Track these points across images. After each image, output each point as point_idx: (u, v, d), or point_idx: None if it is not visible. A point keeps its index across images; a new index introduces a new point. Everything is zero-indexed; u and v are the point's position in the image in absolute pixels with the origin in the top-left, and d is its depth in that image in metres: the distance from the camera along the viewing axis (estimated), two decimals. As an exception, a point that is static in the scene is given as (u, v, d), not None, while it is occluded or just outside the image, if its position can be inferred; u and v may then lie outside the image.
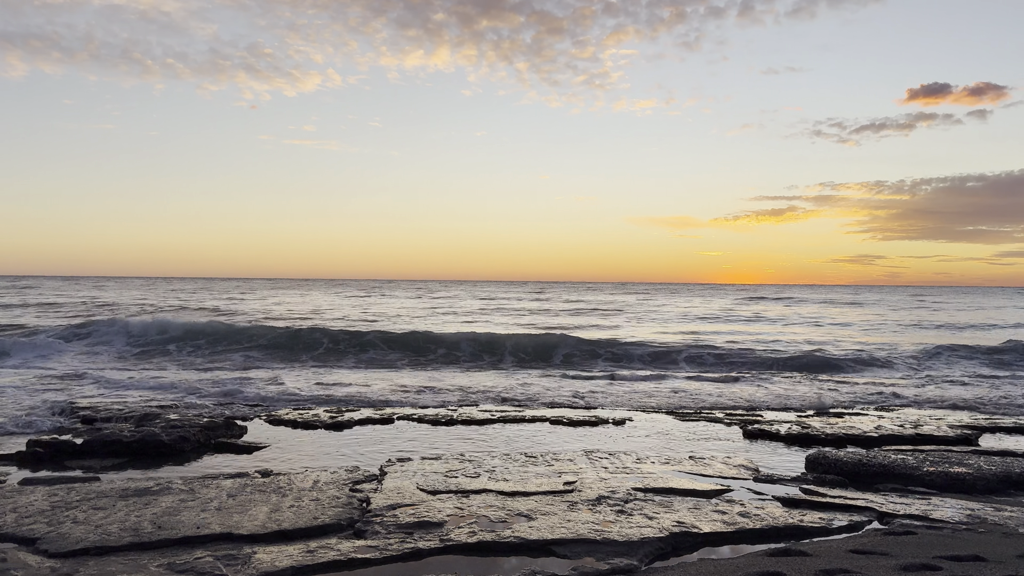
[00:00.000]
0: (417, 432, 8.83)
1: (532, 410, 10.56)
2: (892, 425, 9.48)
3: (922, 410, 11.21)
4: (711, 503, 5.70)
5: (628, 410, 10.78)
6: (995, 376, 15.79)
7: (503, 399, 11.64)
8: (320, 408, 10.45)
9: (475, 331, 21.36)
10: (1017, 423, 9.68)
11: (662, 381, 13.90)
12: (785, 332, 27.13)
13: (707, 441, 8.50)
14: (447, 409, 10.55)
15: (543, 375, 14.81)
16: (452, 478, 6.34)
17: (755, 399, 11.92)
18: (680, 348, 19.51)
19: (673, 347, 19.78)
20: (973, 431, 8.93)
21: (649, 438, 8.65)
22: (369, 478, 6.40)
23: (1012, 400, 11.97)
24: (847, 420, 9.97)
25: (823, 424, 9.51)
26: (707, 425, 9.57)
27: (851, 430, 8.99)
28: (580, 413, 10.30)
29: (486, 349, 18.45)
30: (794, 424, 9.53)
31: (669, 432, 9.06)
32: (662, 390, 12.75)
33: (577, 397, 11.81)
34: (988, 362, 17.43)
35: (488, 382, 13.61)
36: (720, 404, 11.40)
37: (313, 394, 11.71)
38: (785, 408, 11.26)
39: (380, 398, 11.41)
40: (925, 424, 9.48)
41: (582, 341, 19.93)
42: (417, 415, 9.81)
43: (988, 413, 10.87)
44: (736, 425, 9.51)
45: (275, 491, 5.96)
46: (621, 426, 9.44)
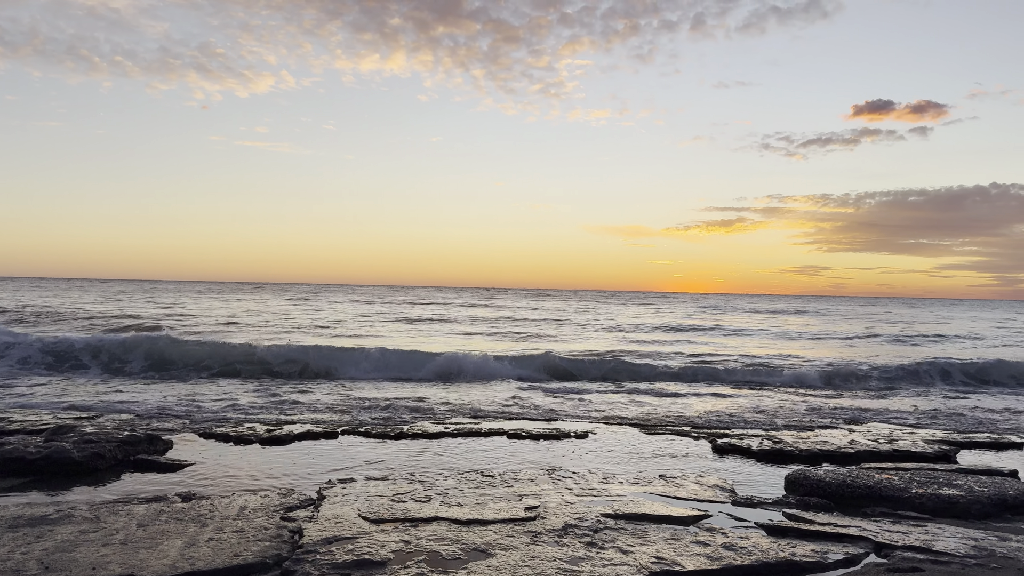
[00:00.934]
0: (363, 447, 8.07)
1: (489, 422, 9.88)
2: (866, 440, 9.04)
3: (891, 424, 10.84)
4: (690, 532, 5.10)
5: (590, 422, 10.18)
6: (959, 389, 15.66)
7: (452, 411, 10.94)
8: (258, 421, 9.61)
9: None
10: (991, 438, 9.34)
11: (622, 393, 13.35)
12: (746, 343, 26.94)
13: (676, 458, 7.92)
14: (398, 421, 9.81)
15: (499, 386, 14.13)
16: (399, 503, 5.62)
17: (721, 411, 11.44)
18: (641, 359, 19.02)
19: (631, 358, 19.30)
20: (950, 447, 8.53)
21: (614, 453, 8.04)
22: (305, 503, 5.65)
23: (979, 414, 11.70)
24: (818, 434, 9.51)
25: (795, 438, 9.03)
26: (674, 439, 9.01)
27: (825, 445, 8.52)
28: (540, 426, 9.65)
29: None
30: (765, 439, 9.03)
31: (635, 446, 8.46)
32: (622, 402, 12.19)
33: (535, 408, 11.17)
34: (954, 375, 17.29)
35: (431, 393, 12.89)
36: (685, 417, 10.87)
37: (253, 405, 10.85)
38: (754, 421, 10.78)
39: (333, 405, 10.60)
40: (899, 439, 9.06)
41: (544, 352, 19.32)
42: (364, 428, 9.04)
43: (959, 428, 10.54)
44: (704, 439, 8.97)
45: (194, 520, 5.18)
46: (584, 440, 8.81)
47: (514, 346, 23.16)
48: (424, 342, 24.10)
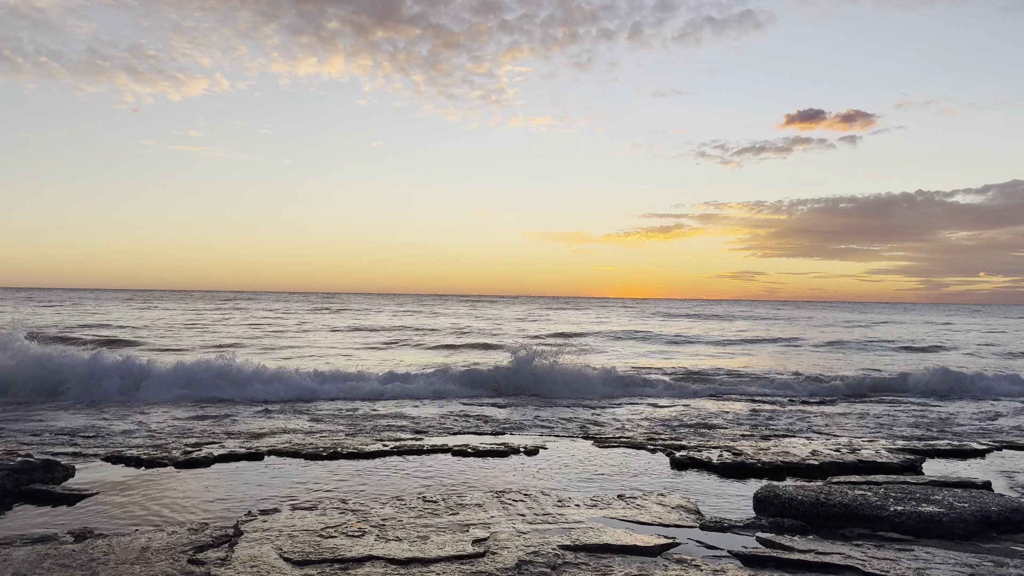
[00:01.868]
0: (292, 469, 7.30)
1: (432, 438, 9.19)
2: (827, 450, 8.66)
3: (849, 432, 10.55)
4: (659, 565, 4.52)
5: (540, 435, 9.58)
6: (908, 395, 15.58)
7: (396, 427, 10.21)
8: (175, 441, 8.72)
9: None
10: (953, 445, 9.06)
11: (568, 404, 12.79)
12: (685, 351, 26.78)
13: (635, 475, 7.37)
14: (328, 438, 9.03)
15: (442, 400, 13.43)
16: (329, 538, 4.90)
17: (671, 419, 10.98)
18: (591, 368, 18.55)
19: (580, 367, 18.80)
20: (915, 456, 8.19)
21: (568, 471, 7.44)
22: (219, 540, 4.89)
23: (935, 421, 11.51)
24: (778, 444, 9.10)
25: (755, 450, 8.59)
26: (629, 452, 8.47)
27: (787, 457, 8.09)
28: (487, 441, 8.99)
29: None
30: (724, 450, 8.57)
31: (589, 462, 7.89)
32: (568, 415, 11.63)
33: (482, 422, 10.51)
34: (901, 381, 17.27)
35: (369, 409, 12.13)
36: (636, 427, 10.37)
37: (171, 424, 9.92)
38: (706, 430, 10.33)
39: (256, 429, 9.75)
40: (861, 448, 8.70)
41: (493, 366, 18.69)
42: (293, 448, 8.25)
43: (914, 435, 10.30)
44: (661, 452, 8.46)
45: (83, 566, 4.39)
46: (534, 456, 8.20)
47: (456, 357, 22.50)
48: (360, 355, 23.24)
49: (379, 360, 21.13)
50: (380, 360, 21.15)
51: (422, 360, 21.12)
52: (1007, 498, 6.03)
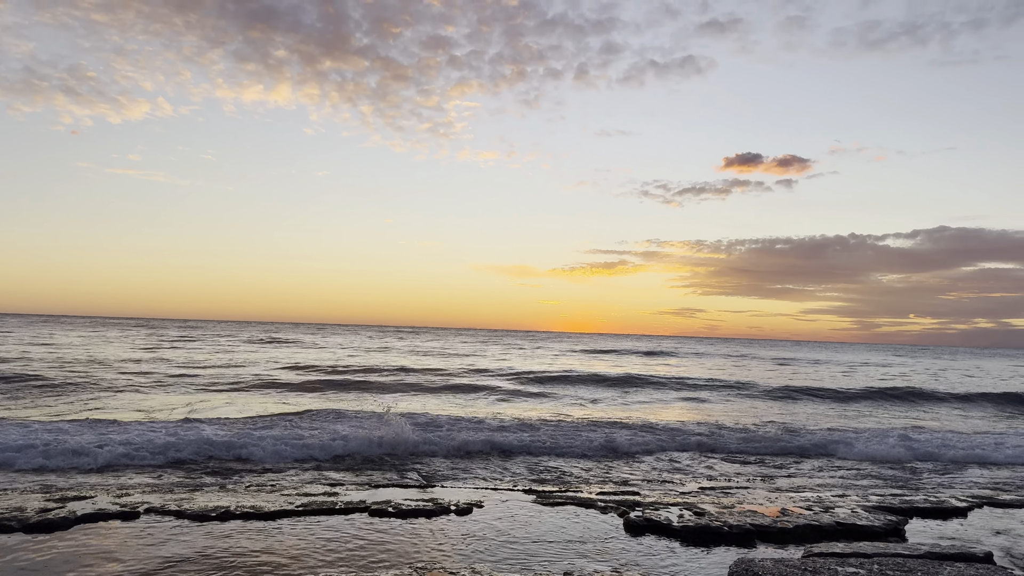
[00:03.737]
0: (168, 534, 5.97)
1: (349, 492, 7.93)
2: (796, 506, 7.71)
3: (811, 479, 9.66)
4: None
5: (475, 488, 8.40)
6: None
7: (304, 482, 8.91)
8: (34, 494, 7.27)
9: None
10: (930, 502, 8.20)
11: (509, 454, 11.65)
12: (652, 407, 25.87)
13: (583, 543, 6.25)
14: (227, 494, 7.70)
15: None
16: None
17: (627, 475, 9.92)
18: (526, 411, 17.44)
19: (519, 401, 17.69)
20: (895, 516, 7.28)
21: (506, 540, 6.28)
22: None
23: (879, 469, 10.70)
24: (742, 500, 8.13)
25: (717, 507, 7.58)
26: (577, 512, 7.36)
27: (755, 517, 7.09)
28: (413, 496, 7.77)
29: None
30: (683, 507, 7.54)
31: (531, 525, 6.75)
32: (508, 465, 10.49)
33: (411, 469, 9.28)
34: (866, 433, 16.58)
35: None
36: (587, 479, 9.28)
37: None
38: (657, 479, 9.30)
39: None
40: (835, 506, 7.77)
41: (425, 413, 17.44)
42: (174, 505, 6.90)
43: (880, 486, 9.44)
44: (613, 511, 7.38)
45: None
46: (467, 516, 7.03)
47: (396, 400, 21.16)
48: (284, 399, 21.70)
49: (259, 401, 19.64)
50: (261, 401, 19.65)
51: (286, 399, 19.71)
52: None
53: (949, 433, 15.13)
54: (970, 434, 15.16)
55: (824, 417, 18.26)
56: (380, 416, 12.69)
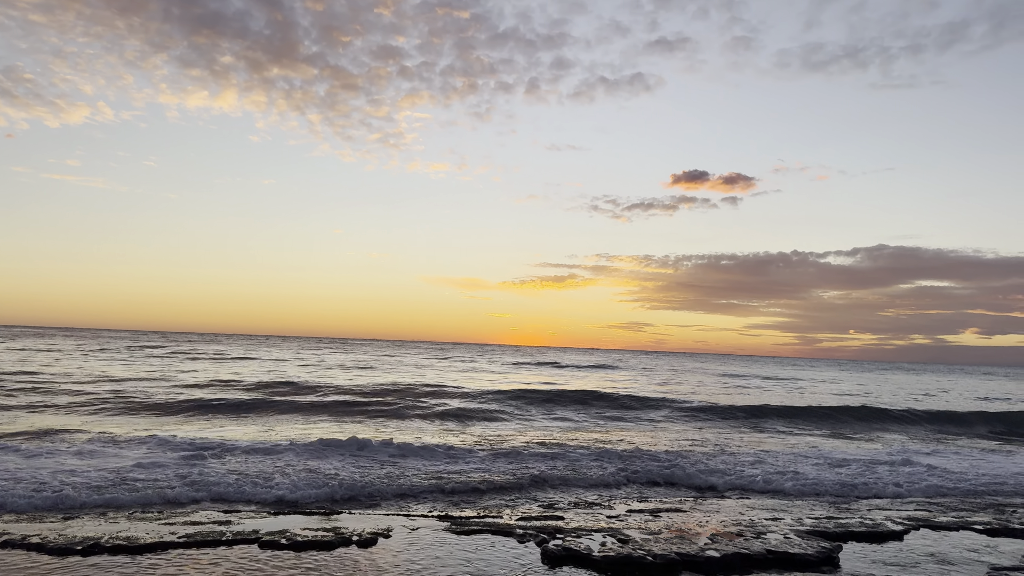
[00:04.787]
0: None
1: (243, 520, 7.19)
2: (727, 531, 7.25)
3: (742, 500, 9.23)
4: None
5: (385, 514, 7.74)
6: (799, 455, 14.60)
7: (194, 502, 8.13)
8: None
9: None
10: (866, 525, 7.82)
11: (431, 461, 10.99)
12: (601, 437, 25.42)
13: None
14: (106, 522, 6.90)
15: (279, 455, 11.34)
16: None
17: (555, 497, 9.35)
18: (447, 433, 16.80)
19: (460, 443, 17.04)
20: (829, 541, 6.87)
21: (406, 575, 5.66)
22: None
23: (822, 486, 10.37)
24: (666, 520, 7.64)
25: (644, 533, 7.08)
26: (492, 541, 6.76)
27: (683, 544, 6.60)
28: (313, 525, 7.07)
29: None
30: (608, 533, 7.02)
31: (440, 558, 6.13)
32: (426, 473, 9.84)
33: (314, 487, 8.54)
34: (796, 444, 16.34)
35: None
36: (511, 503, 8.69)
37: None
38: (593, 504, 8.76)
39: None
40: (767, 531, 7.34)
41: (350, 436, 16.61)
42: (23, 535, 6.09)
43: (805, 503, 9.07)
44: (532, 539, 6.80)
45: None
46: (371, 548, 6.38)
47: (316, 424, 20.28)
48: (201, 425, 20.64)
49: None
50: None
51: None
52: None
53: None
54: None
55: (764, 438, 18.03)
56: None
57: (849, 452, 14.45)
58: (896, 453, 14.39)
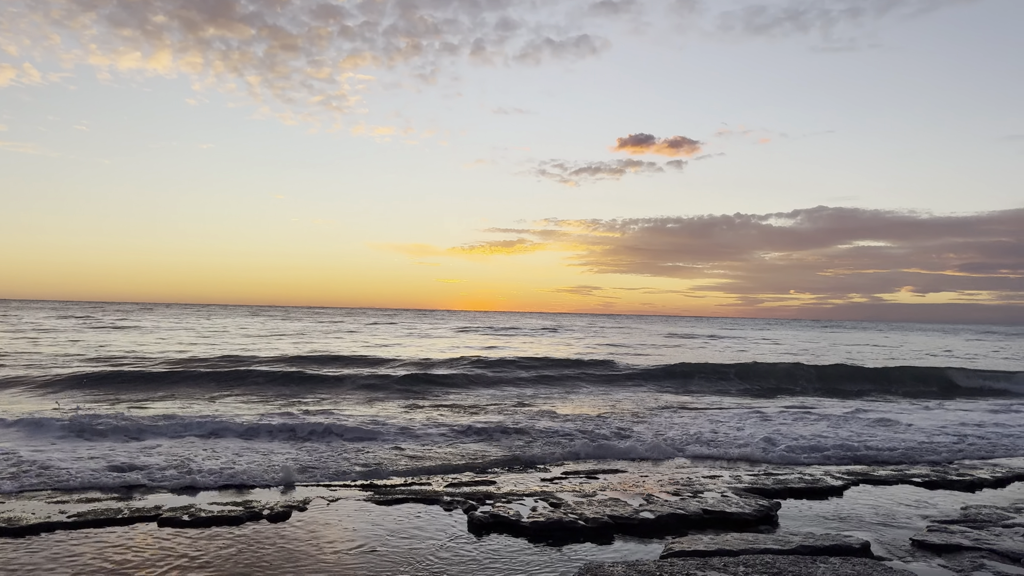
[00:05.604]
0: None
1: (144, 496, 6.65)
2: (664, 491, 6.99)
3: (682, 459, 9.01)
4: None
5: (304, 484, 7.27)
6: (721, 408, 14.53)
7: (93, 476, 7.53)
8: None
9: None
10: (805, 481, 7.65)
11: (362, 438, 10.52)
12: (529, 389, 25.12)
13: (415, 550, 5.25)
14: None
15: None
16: None
17: (491, 461, 8.99)
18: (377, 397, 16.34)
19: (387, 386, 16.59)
20: (767, 499, 6.64)
21: (315, 552, 5.22)
22: None
23: (753, 442, 10.23)
24: (602, 481, 7.35)
25: (578, 496, 6.77)
26: (420, 510, 6.37)
27: (616, 507, 6.30)
28: (223, 500, 6.56)
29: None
30: (541, 497, 6.69)
31: (359, 531, 5.71)
32: (354, 446, 9.38)
33: (229, 464, 8.01)
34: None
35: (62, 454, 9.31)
36: (446, 460, 8.29)
37: None
38: (530, 466, 8.43)
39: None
40: (705, 490, 7.09)
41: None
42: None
43: (741, 461, 8.90)
44: (460, 506, 6.43)
45: None
46: (283, 522, 5.92)
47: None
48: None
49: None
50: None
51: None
52: (897, 574, 4.46)
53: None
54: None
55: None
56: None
57: (811, 408, 14.45)
58: (847, 409, 14.44)
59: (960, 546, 5.36)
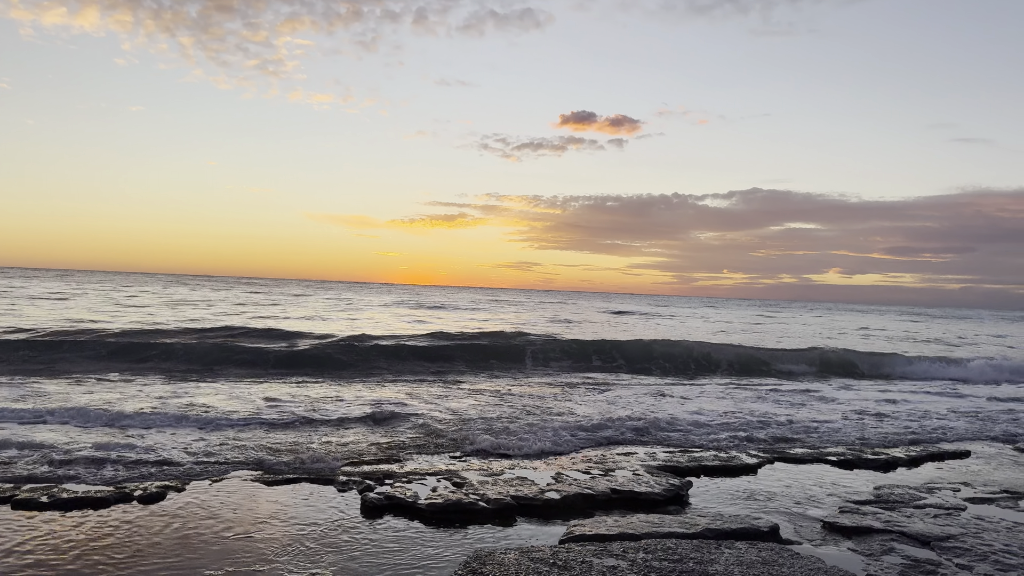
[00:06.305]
0: None
1: (10, 470, 6.02)
2: (575, 471, 6.69)
3: (599, 435, 8.74)
4: None
5: (192, 459, 6.72)
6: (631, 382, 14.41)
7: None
8: None
9: None
10: (720, 459, 7.46)
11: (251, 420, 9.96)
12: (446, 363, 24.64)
13: (301, 536, 4.81)
14: None
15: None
16: None
17: (400, 439, 8.56)
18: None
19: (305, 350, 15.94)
20: (680, 478, 6.40)
21: (184, 539, 4.73)
22: None
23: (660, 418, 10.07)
24: (516, 466, 7.01)
25: (483, 475, 6.41)
26: (311, 492, 5.91)
27: (523, 486, 5.97)
28: (89, 480, 5.98)
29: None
30: (444, 476, 6.31)
31: (241, 514, 5.23)
32: (249, 425, 8.85)
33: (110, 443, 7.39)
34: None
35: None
36: (349, 444, 7.83)
37: None
38: (440, 446, 8.02)
39: None
40: (617, 468, 6.82)
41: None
42: None
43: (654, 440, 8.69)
44: (356, 486, 6.00)
45: None
46: (157, 503, 5.39)
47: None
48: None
49: None
50: None
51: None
52: (805, 560, 4.23)
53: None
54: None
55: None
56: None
57: (746, 382, 14.40)
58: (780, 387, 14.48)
59: (871, 528, 5.19)
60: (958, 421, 10.72)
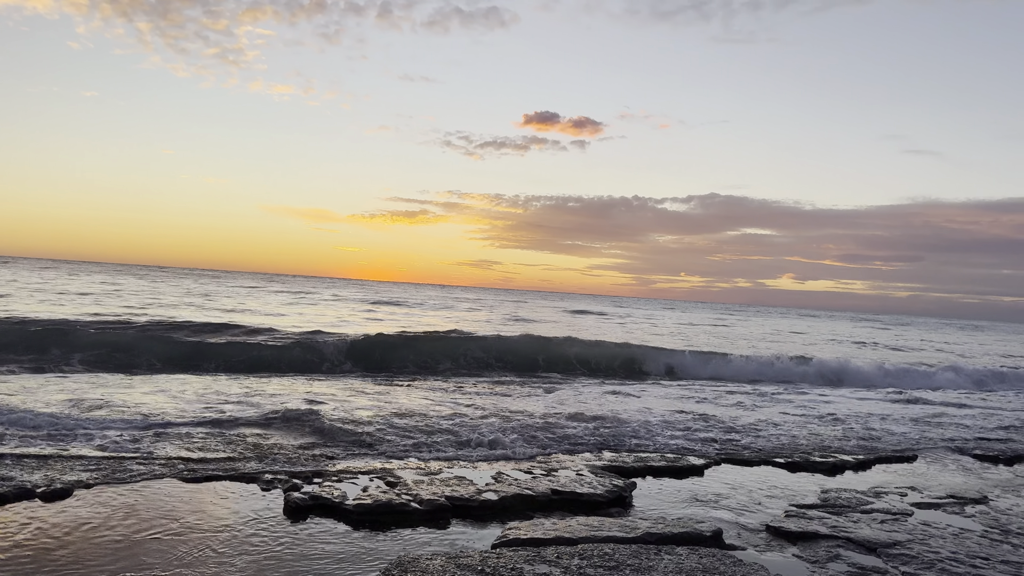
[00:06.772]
0: None
1: (-101, 469, 5.53)
2: (517, 472, 6.42)
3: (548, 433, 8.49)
4: None
5: (103, 454, 6.29)
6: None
7: None
8: None
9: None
10: (667, 459, 7.26)
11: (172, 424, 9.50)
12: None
13: (214, 540, 4.45)
14: None
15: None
16: None
17: (331, 439, 8.20)
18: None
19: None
20: (624, 479, 6.18)
21: (92, 544, 4.34)
22: None
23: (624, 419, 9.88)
24: (454, 465, 6.71)
25: (419, 474, 6.11)
26: (231, 491, 5.54)
27: (460, 486, 5.68)
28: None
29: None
30: (378, 475, 5.99)
31: (151, 514, 4.84)
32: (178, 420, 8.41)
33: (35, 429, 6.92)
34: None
35: None
36: (279, 446, 7.45)
37: None
38: (372, 444, 7.69)
39: None
40: (561, 468, 6.57)
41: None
42: None
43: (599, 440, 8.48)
44: (281, 485, 5.65)
45: None
46: (62, 500, 4.99)
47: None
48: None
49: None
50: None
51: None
52: (747, 567, 4.02)
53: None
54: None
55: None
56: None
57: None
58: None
59: (817, 534, 5.02)
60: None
